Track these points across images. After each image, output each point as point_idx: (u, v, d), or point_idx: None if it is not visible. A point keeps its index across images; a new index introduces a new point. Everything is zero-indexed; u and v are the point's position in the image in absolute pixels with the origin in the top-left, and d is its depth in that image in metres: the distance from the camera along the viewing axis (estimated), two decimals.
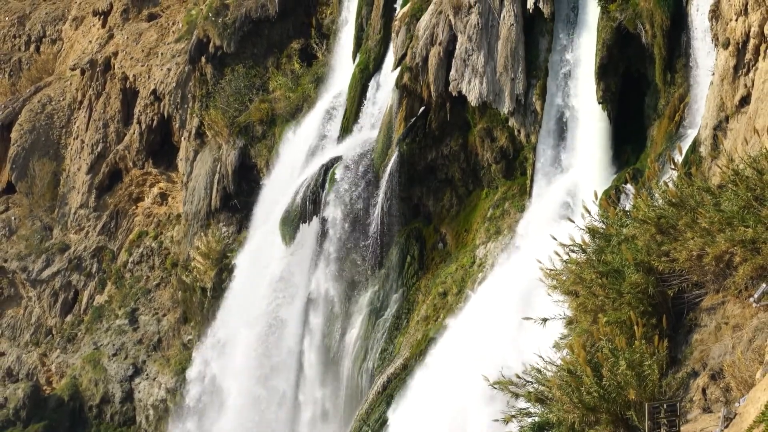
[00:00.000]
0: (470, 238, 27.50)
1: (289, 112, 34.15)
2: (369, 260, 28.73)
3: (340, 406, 28.97)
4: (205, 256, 35.11)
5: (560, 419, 10.59)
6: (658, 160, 20.95)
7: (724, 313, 11.14)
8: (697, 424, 10.10)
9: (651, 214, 11.65)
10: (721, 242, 10.73)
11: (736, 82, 19.48)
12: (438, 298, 27.03)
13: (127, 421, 37.12)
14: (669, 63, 22.95)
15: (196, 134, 37.00)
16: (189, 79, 37.48)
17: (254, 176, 35.02)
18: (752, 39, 18.69)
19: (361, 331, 28.59)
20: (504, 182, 27.22)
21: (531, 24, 25.76)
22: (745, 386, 9.77)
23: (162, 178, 39.77)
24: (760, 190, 10.95)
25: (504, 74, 25.71)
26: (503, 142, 26.86)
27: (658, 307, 11.35)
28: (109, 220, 40.73)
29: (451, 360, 23.24)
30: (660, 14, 22.69)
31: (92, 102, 41.60)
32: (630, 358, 10.37)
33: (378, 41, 30.68)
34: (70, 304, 40.57)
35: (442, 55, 26.66)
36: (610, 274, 11.42)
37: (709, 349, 10.91)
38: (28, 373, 39.87)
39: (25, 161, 42.33)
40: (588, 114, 24.63)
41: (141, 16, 42.05)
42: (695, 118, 22.13)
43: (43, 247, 41.23)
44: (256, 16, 35.81)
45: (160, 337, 37.58)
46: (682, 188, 11.77)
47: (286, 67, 35.57)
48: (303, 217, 29.38)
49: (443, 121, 27.65)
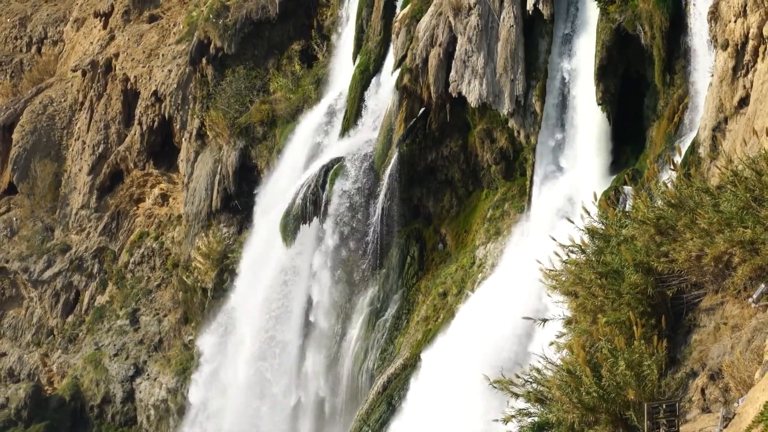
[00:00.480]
0: (470, 239, 27.54)
1: (290, 113, 34.21)
2: (369, 261, 28.76)
3: (341, 406, 29.03)
4: (206, 257, 35.19)
5: (560, 419, 10.55)
6: (657, 161, 20.99)
7: (723, 313, 11.12)
8: (696, 424, 10.07)
9: (650, 214, 11.62)
10: (720, 243, 10.71)
11: (735, 83, 19.40)
12: (438, 298, 27.09)
13: (129, 421, 37.15)
14: (668, 64, 22.95)
15: (197, 135, 37.06)
16: (190, 81, 37.55)
17: (255, 177, 35.05)
18: (751, 40, 18.67)
19: (362, 331, 28.63)
20: (504, 183, 27.26)
21: (531, 25, 25.77)
22: (744, 386, 9.75)
23: (163, 179, 39.84)
24: (759, 191, 10.92)
25: (504, 75, 25.74)
26: (503, 143, 26.90)
27: (658, 308, 11.34)
28: (110, 220, 40.79)
29: (450, 360, 23.31)
30: (659, 16, 22.68)
31: (93, 103, 41.67)
32: (629, 359, 10.34)
33: (378, 42, 30.71)
34: (72, 304, 40.62)
35: (442, 57, 26.70)
36: (609, 275, 11.40)
37: (708, 350, 10.89)
38: (29, 373, 39.91)
39: (27, 162, 42.38)
40: (587, 115, 24.61)
41: (142, 18, 42.13)
42: (694, 119, 22.11)
43: (44, 248, 41.29)
44: (256, 18, 35.89)
45: (161, 338, 37.63)
46: (681, 189, 11.74)
47: (286, 68, 35.64)
48: (303, 217, 29.41)
49: (443, 122, 27.69)
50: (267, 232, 31.12)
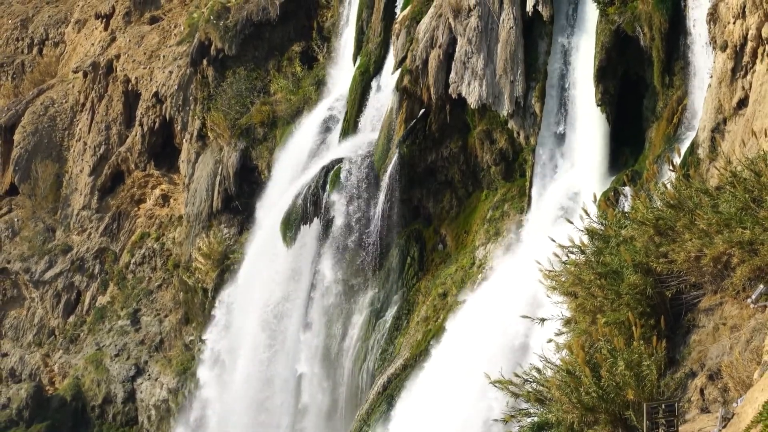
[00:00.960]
0: (470, 240, 27.59)
1: (290, 114, 34.28)
2: (369, 261, 28.83)
3: (341, 406, 29.09)
4: (207, 257, 35.26)
5: (559, 419, 10.57)
6: (657, 162, 20.97)
7: (722, 313, 11.14)
8: (695, 424, 10.10)
9: (649, 215, 11.64)
10: (719, 243, 10.72)
11: (733, 84, 19.38)
12: (438, 299, 27.15)
13: (130, 421, 37.20)
14: (667, 66, 22.96)
15: (198, 136, 37.15)
16: (191, 82, 37.64)
17: (255, 178, 35.13)
18: (750, 42, 18.68)
19: (362, 331, 28.67)
20: (503, 184, 27.31)
21: (530, 27, 25.82)
22: (742, 386, 9.77)
23: (164, 179, 39.92)
24: (758, 191, 10.94)
25: (503, 77, 25.79)
26: (503, 144, 26.97)
27: (657, 308, 11.35)
28: (111, 221, 40.87)
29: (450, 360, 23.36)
30: (658, 17, 22.68)
31: (94, 104, 41.75)
32: (628, 359, 10.36)
33: (378, 44, 30.75)
34: (73, 305, 40.66)
35: (442, 58, 26.76)
36: (608, 275, 11.42)
37: (707, 350, 10.91)
38: (31, 373, 39.95)
39: (28, 163, 42.43)
40: (587, 116, 24.64)
41: (143, 19, 42.20)
42: (693, 120, 22.13)
43: (45, 249, 41.33)
44: (257, 19, 35.96)
45: (162, 338, 37.70)
46: (680, 190, 11.77)
47: (287, 69, 35.71)
48: (304, 218, 29.47)
49: (443, 124, 27.75)
50: (268, 232, 31.19)
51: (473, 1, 26.02)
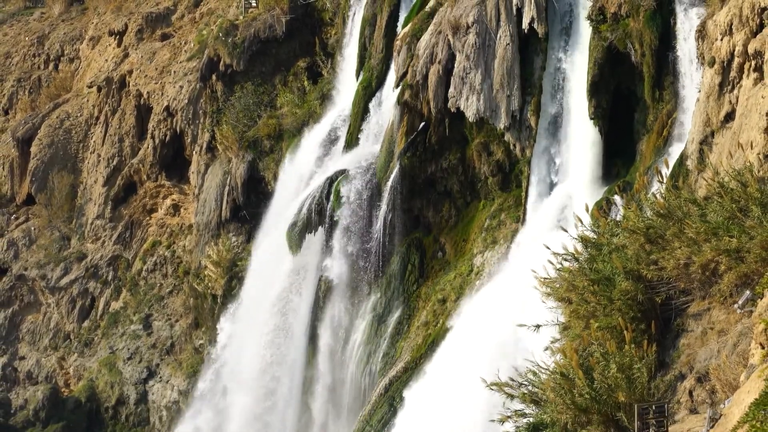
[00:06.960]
0: (468, 248, 27.78)
1: (296, 127, 34.40)
2: (372, 269, 29.01)
3: (345, 407, 29.64)
4: (216, 265, 35.59)
5: (554, 420, 10.85)
6: (647, 173, 20.87)
7: (710, 318, 11.37)
8: (684, 424, 10.31)
9: (640, 224, 11.88)
10: (707, 251, 10.97)
11: (721, 98, 19.59)
12: (437, 304, 27.43)
13: (142, 422, 37.37)
14: (657, 80, 23.22)
15: (207, 148, 37.54)
16: (200, 96, 38.04)
17: (262, 188, 35.35)
18: (737, 58, 18.87)
19: (365, 335, 28.76)
20: (500, 194, 27.60)
21: (526, 43, 26.17)
22: (729, 388, 10.01)
23: (174, 190, 40.28)
24: (744, 201, 11.25)
25: (500, 91, 26.08)
26: (499, 155, 27.24)
27: (647, 313, 11.61)
28: (124, 230, 41.14)
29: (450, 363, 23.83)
30: (649, 34, 22.95)
31: (108, 118, 42.05)
32: (620, 362, 10.63)
33: (380, 60, 31.07)
34: (87, 310, 40.84)
35: (441, 73, 27.11)
36: (601, 282, 11.68)
37: (695, 353, 11.11)
38: (47, 375, 40.17)
39: (45, 174, 42.72)
40: (580, 129, 24.90)
41: (155, 36, 42.87)
42: (682, 133, 22.38)
43: (61, 256, 41.59)
44: (264, 36, 36.31)
45: (173, 342, 37.96)
46: (669, 200, 12.04)
47: (292, 84, 35.95)
48: (309, 227, 29.70)
49: (442, 136, 28.07)
50: (275, 240, 31.81)
51: (471, 19, 26.30)
